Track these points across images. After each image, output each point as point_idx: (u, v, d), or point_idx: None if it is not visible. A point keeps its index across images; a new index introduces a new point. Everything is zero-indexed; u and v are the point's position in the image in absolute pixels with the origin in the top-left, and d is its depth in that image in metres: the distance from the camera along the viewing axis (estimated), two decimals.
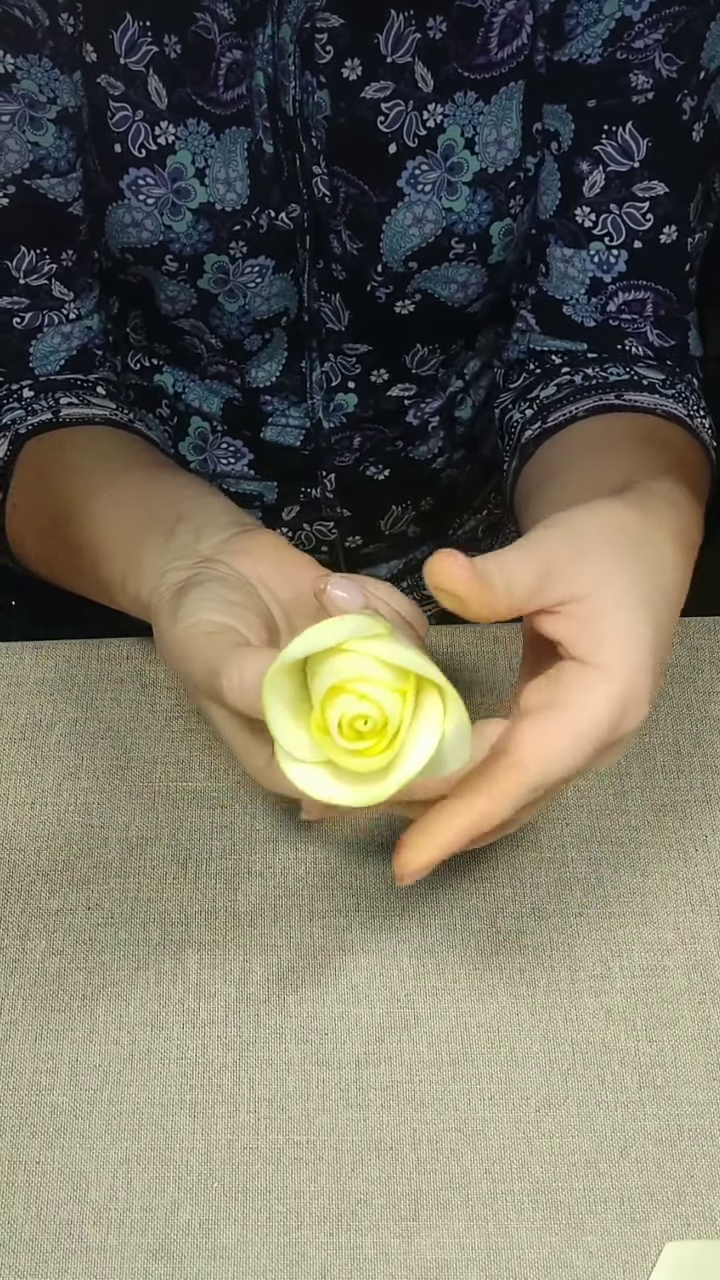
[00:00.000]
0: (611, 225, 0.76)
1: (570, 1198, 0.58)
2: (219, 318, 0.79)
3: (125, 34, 0.70)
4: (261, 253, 0.76)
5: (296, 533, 0.91)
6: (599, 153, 0.74)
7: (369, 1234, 0.57)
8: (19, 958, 0.65)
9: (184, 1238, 0.57)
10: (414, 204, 0.74)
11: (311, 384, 0.83)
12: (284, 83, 0.70)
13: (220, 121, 0.72)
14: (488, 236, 0.76)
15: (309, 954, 0.65)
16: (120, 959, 0.65)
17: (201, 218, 0.74)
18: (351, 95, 0.71)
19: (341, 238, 0.75)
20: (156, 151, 0.72)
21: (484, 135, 0.73)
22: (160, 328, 0.82)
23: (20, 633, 0.80)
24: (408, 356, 0.83)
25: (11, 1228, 0.57)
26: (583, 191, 0.75)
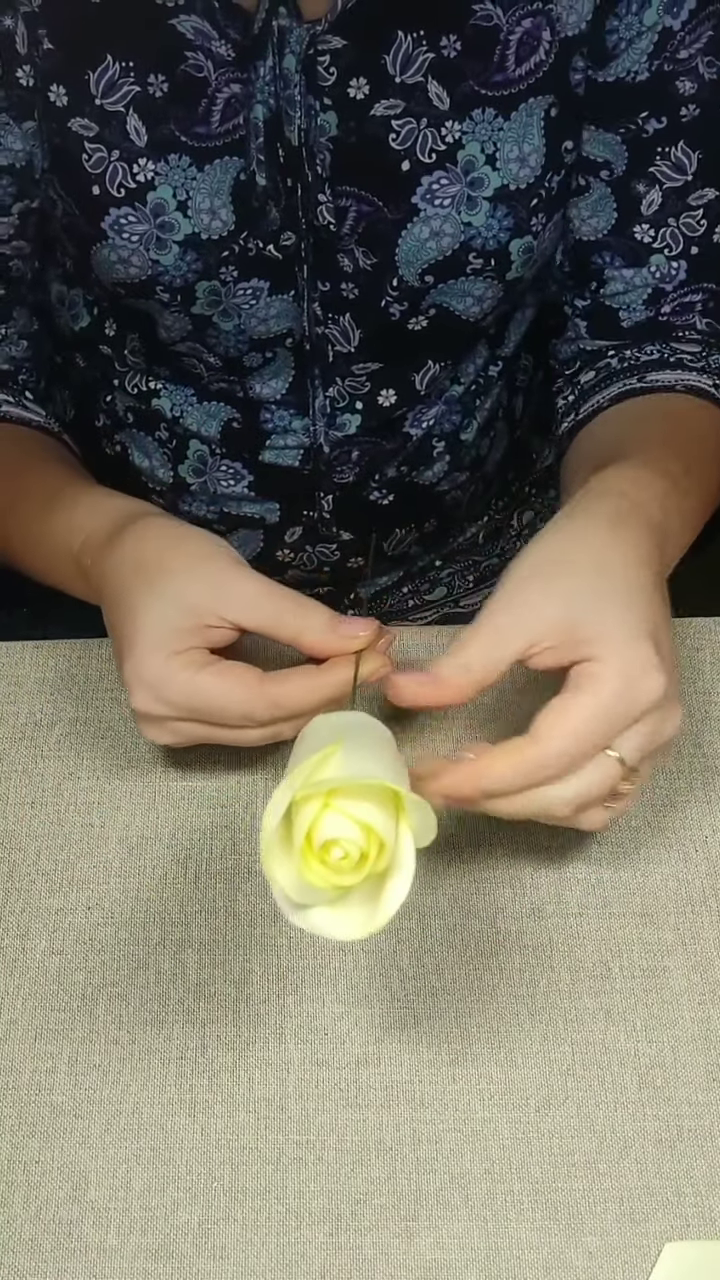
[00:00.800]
0: (670, 237, 0.78)
1: (570, 1198, 0.57)
2: (215, 337, 0.79)
3: (104, 75, 0.70)
4: (254, 275, 0.76)
5: (299, 554, 0.91)
6: (655, 174, 0.76)
7: (369, 1234, 0.57)
8: (19, 957, 0.65)
9: (184, 1237, 0.57)
10: (431, 218, 0.74)
11: (315, 409, 0.83)
12: (289, 112, 0.70)
13: (205, 154, 0.72)
14: (507, 253, 0.76)
15: (309, 954, 0.65)
16: (120, 959, 0.65)
17: (188, 249, 0.74)
18: (360, 114, 0.71)
19: (354, 255, 0.75)
20: (136, 189, 0.72)
21: (505, 151, 0.73)
22: (159, 351, 0.82)
23: (20, 633, 0.80)
24: (417, 376, 0.83)
25: (11, 1227, 0.57)
26: (640, 210, 0.77)
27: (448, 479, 0.90)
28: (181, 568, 0.64)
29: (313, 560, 0.91)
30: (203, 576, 0.63)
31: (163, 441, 0.87)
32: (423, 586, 1.00)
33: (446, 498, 0.92)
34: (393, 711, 0.71)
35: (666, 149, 0.75)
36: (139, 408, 0.86)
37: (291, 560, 0.91)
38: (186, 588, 0.63)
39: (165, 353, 0.81)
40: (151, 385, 0.85)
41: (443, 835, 0.69)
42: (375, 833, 0.52)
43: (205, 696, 0.62)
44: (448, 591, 1.01)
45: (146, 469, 0.88)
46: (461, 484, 0.92)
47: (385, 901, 0.53)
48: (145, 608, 0.63)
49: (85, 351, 0.87)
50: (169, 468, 0.88)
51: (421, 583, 1.00)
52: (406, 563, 0.96)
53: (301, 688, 0.62)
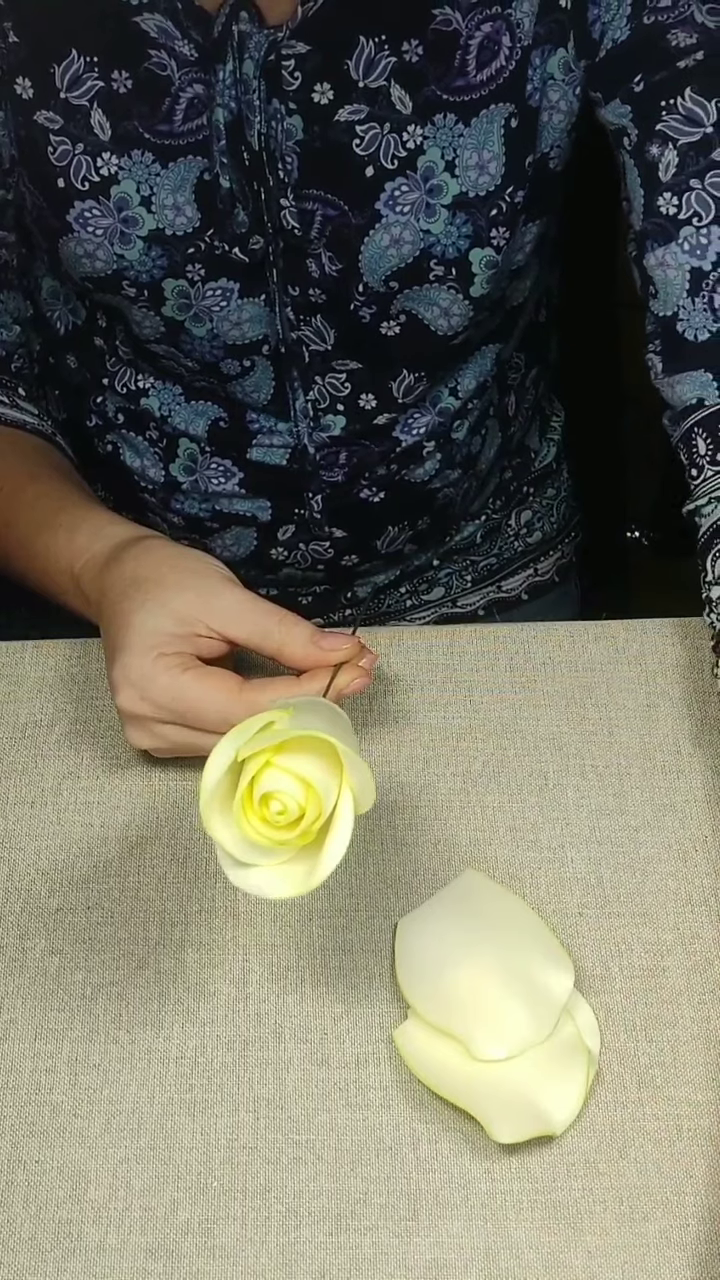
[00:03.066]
0: (697, 203, 0.71)
1: (570, 1198, 0.57)
2: (189, 343, 0.79)
3: (69, 69, 0.70)
4: (222, 275, 0.76)
5: (292, 552, 0.90)
6: (664, 131, 0.71)
7: (368, 1234, 0.57)
8: (19, 957, 0.65)
9: (183, 1237, 0.57)
10: (391, 225, 0.74)
11: (296, 411, 0.83)
12: (249, 116, 0.70)
13: (168, 152, 0.72)
14: (467, 263, 0.75)
15: (309, 954, 0.65)
16: (120, 958, 0.65)
17: (153, 244, 0.74)
18: (325, 119, 0.71)
19: (321, 260, 0.75)
20: (99, 183, 0.72)
21: (464, 159, 0.73)
22: (140, 348, 0.82)
23: (20, 633, 0.80)
24: (394, 383, 0.83)
25: (11, 1226, 0.57)
26: (660, 178, 0.72)
27: (439, 477, 0.90)
28: (174, 581, 0.67)
29: (306, 558, 0.91)
30: (192, 588, 0.67)
31: (153, 441, 0.87)
32: (420, 586, 1.00)
33: (439, 495, 0.91)
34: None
35: (671, 100, 0.70)
36: (129, 407, 0.86)
37: (285, 559, 0.91)
38: (177, 598, 0.66)
39: (146, 351, 0.82)
40: (140, 384, 0.85)
41: (442, 834, 0.69)
42: (314, 789, 0.54)
43: (187, 697, 0.64)
44: (445, 591, 1.01)
45: (138, 468, 0.88)
46: (453, 482, 0.91)
47: (323, 860, 0.54)
48: (137, 615, 0.66)
49: (78, 350, 0.87)
50: (160, 467, 0.88)
51: (419, 582, 0.99)
52: (402, 561, 0.96)
53: (280, 695, 0.64)
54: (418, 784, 0.71)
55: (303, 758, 0.55)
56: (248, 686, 0.64)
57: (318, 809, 0.54)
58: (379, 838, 0.69)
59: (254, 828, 0.54)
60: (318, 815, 0.54)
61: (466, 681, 0.76)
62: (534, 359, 0.95)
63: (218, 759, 0.54)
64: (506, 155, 0.73)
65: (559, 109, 0.74)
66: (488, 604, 1.02)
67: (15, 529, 0.77)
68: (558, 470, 1.04)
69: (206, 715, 0.64)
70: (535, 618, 1.02)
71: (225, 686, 0.64)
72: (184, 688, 0.64)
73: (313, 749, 0.55)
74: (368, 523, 0.90)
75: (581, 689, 0.75)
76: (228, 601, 0.66)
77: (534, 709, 0.74)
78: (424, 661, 0.76)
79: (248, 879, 0.56)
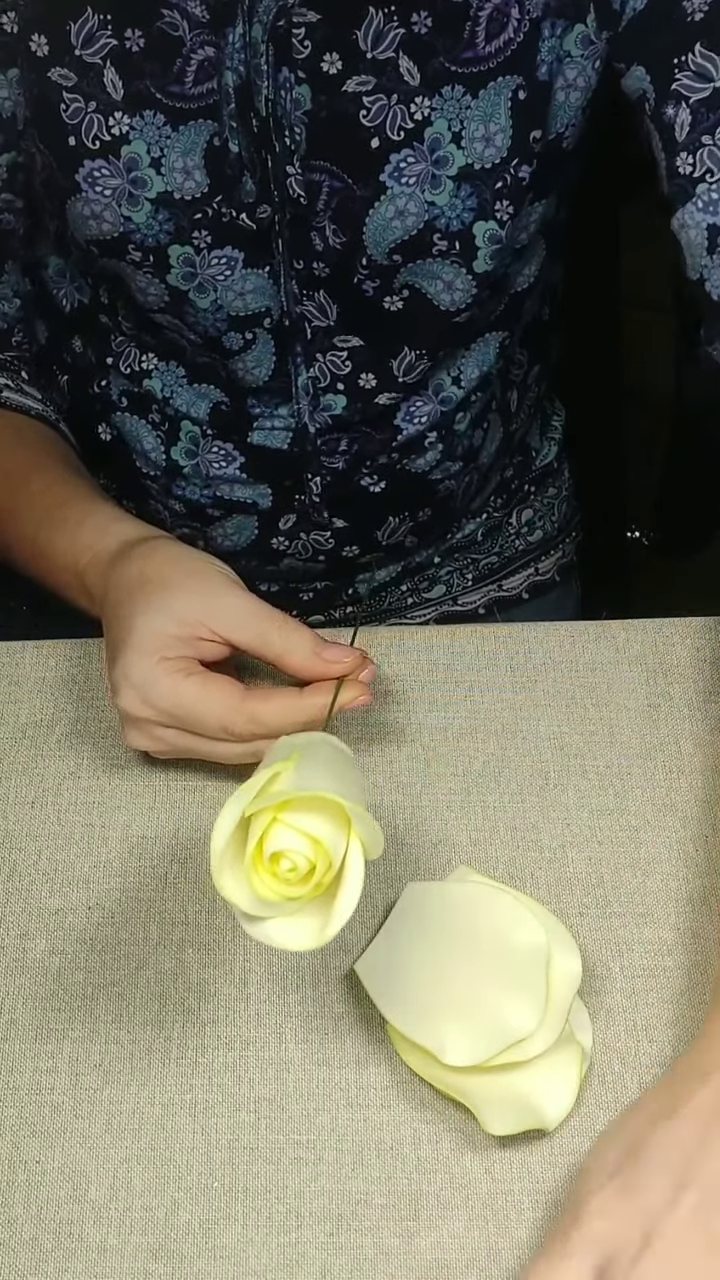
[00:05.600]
0: (709, 159, 0.70)
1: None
2: (193, 315, 0.79)
3: (84, 26, 0.70)
4: (228, 243, 0.75)
5: (293, 542, 0.90)
6: (678, 90, 0.71)
7: (369, 1234, 0.57)
8: (19, 957, 0.65)
9: (184, 1237, 0.57)
10: (396, 197, 0.74)
11: (297, 388, 0.83)
12: (257, 82, 0.70)
13: (180, 114, 0.72)
14: (471, 236, 0.75)
15: (309, 954, 0.65)
16: (120, 958, 0.65)
17: (160, 207, 0.74)
18: (332, 89, 0.71)
19: (325, 233, 0.75)
20: (110, 142, 0.72)
21: (471, 130, 0.73)
22: (143, 319, 0.82)
23: (20, 633, 0.80)
24: (395, 361, 0.83)
25: (12, 1227, 0.57)
26: (676, 138, 0.71)
27: (440, 468, 0.90)
28: (178, 583, 0.67)
29: (307, 548, 0.91)
30: (196, 590, 0.67)
31: (155, 424, 0.87)
32: (421, 584, 1.00)
33: (439, 487, 0.91)
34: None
35: (683, 57, 0.70)
36: (132, 390, 0.87)
37: (286, 548, 0.91)
38: (180, 599, 0.66)
39: (149, 322, 0.81)
40: (144, 365, 0.85)
41: (442, 834, 0.69)
42: (323, 846, 0.54)
43: (187, 703, 0.65)
44: (446, 589, 1.01)
45: (140, 452, 0.88)
46: (454, 474, 0.91)
47: (336, 913, 0.54)
48: (140, 615, 0.66)
49: (83, 330, 0.87)
50: (162, 450, 0.88)
51: (420, 580, 1.00)
52: (403, 556, 0.96)
53: (281, 707, 0.65)
54: (418, 784, 0.71)
55: (309, 814, 0.55)
56: (249, 696, 0.65)
57: (327, 863, 0.54)
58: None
59: (265, 884, 0.54)
60: (328, 869, 0.54)
61: (467, 681, 0.76)
62: (537, 356, 0.95)
63: (225, 820, 0.54)
64: (513, 128, 0.73)
65: (576, 86, 0.74)
66: (488, 603, 1.02)
67: (19, 522, 0.77)
68: (559, 469, 1.04)
69: (206, 722, 0.65)
70: (536, 617, 1.02)
71: (227, 694, 0.65)
72: (185, 693, 0.65)
73: (319, 802, 0.55)
74: (368, 512, 0.90)
75: (582, 689, 0.75)
76: (230, 604, 0.67)
77: (534, 709, 0.74)
78: (424, 661, 0.76)
79: (263, 931, 0.56)
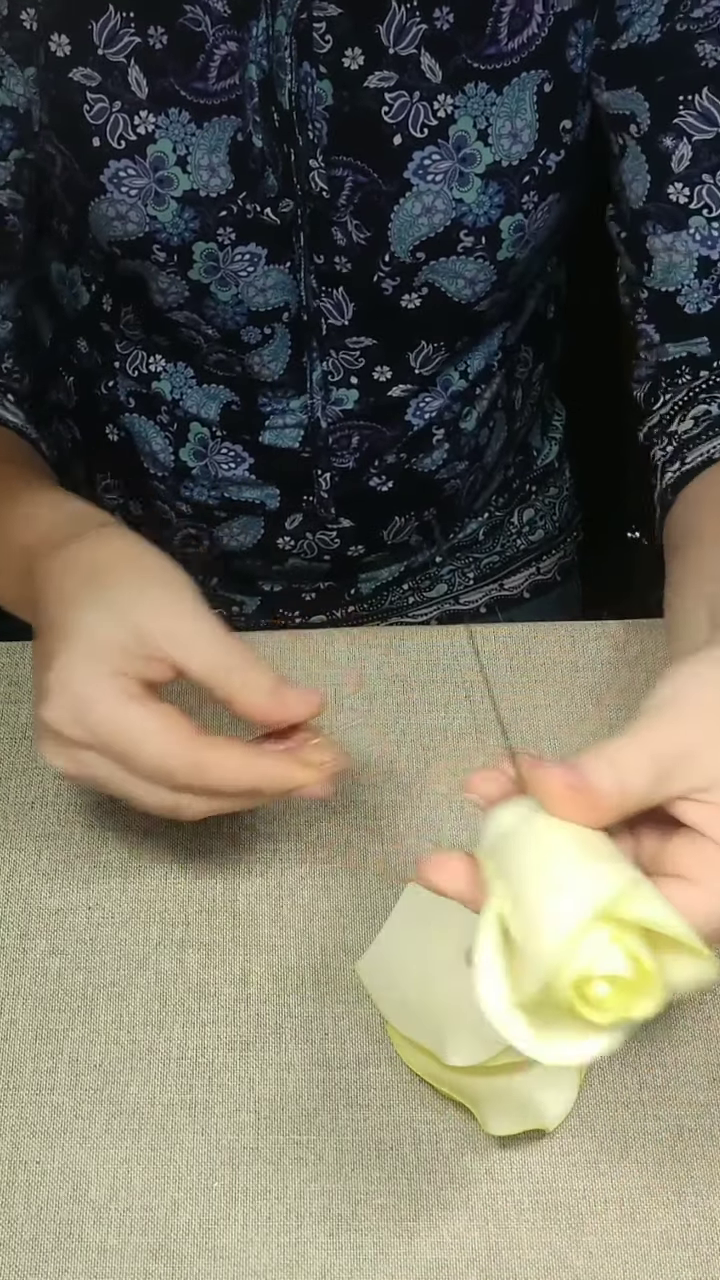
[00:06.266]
0: (708, 196, 0.73)
1: (570, 1198, 0.57)
2: (213, 308, 0.78)
3: (106, 25, 0.70)
4: (252, 240, 0.75)
5: (299, 542, 0.91)
6: (680, 125, 0.72)
7: (369, 1234, 0.57)
8: (19, 958, 0.65)
9: (184, 1237, 0.57)
10: (423, 194, 0.74)
11: (312, 382, 0.83)
12: (280, 75, 0.70)
13: (204, 111, 0.72)
14: (497, 230, 0.76)
15: (309, 954, 0.65)
16: (120, 959, 0.65)
17: (187, 205, 0.73)
18: (354, 85, 0.71)
19: (347, 228, 0.75)
20: (136, 141, 0.72)
21: (497, 127, 0.73)
22: (157, 320, 0.82)
23: (20, 633, 0.80)
24: (411, 354, 0.83)
25: (12, 1227, 0.57)
26: (671, 168, 0.73)
27: (446, 467, 0.90)
28: (135, 584, 0.60)
29: (313, 548, 0.91)
30: (155, 600, 0.60)
31: (164, 425, 0.87)
32: (423, 583, 1.00)
33: (446, 486, 0.92)
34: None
35: (689, 97, 0.72)
36: (140, 391, 0.86)
37: (292, 548, 0.91)
38: (140, 609, 0.59)
39: (163, 321, 0.81)
40: (152, 367, 0.85)
41: (442, 834, 0.69)
42: (649, 974, 0.43)
43: (127, 731, 0.57)
44: (448, 588, 1.01)
45: (149, 453, 0.88)
46: (460, 473, 0.92)
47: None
48: (89, 613, 0.59)
49: (88, 334, 0.87)
50: (170, 451, 0.88)
51: (422, 579, 1.00)
52: (407, 556, 0.96)
53: (237, 762, 0.57)
54: (418, 784, 0.71)
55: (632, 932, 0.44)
56: (202, 740, 0.57)
57: (646, 991, 0.44)
58: (379, 838, 0.69)
59: (568, 1006, 0.44)
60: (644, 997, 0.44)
61: (466, 681, 0.76)
62: (541, 354, 0.95)
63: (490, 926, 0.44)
64: (540, 121, 0.74)
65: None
66: (489, 602, 1.02)
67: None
68: (559, 469, 1.04)
69: (143, 759, 0.57)
70: (537, 616, 1.03)
71: (175, 733, 0.57)
72: (129, 720, 0.56)
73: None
74: (375, 512, 0.90)
75: (582, 688, 0.75)
76: (195, 629, 0.59)
77: (534, 708, 0.74)
78: (424, 661, 0.76)
79: (566, 1053, 0.45)
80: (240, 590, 0.96)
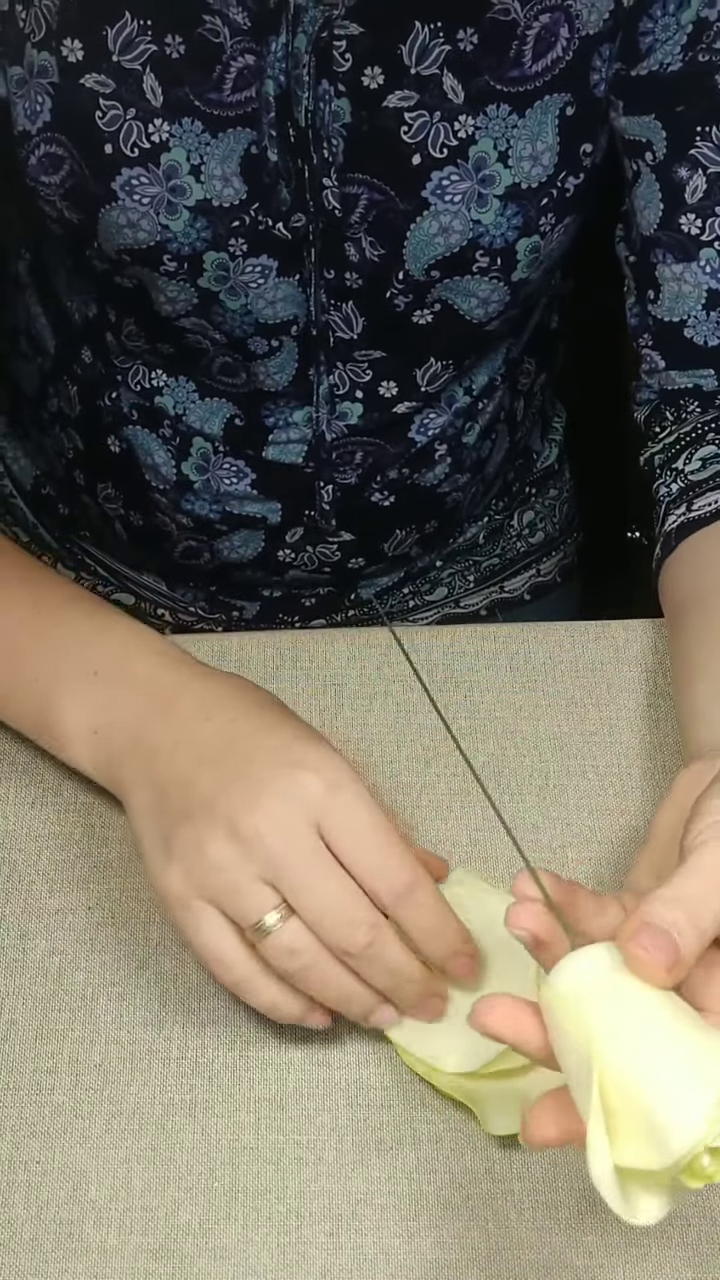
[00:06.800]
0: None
1: (571, 1198, 0.57)
2: (221, 315, 0.78)
3: (122, 31, 0.70)
4: (263, 252, 0.75)
5: (300, 554, 0.90)
6: (696, 157, 0.73)
7: (370, 1234, 0.57)
8: (19, 958, 0.65)
9: (185, 1238, 0.57)
10: (440, 214, 0.73)
11: (319, 396, 0.82)
12: (297, 92, 0.70)
13: (218, 122, 0.71)
14: (513, 251, 0.75)
15: None
16: (120, 959, 0.65)
17: (199, 215, 0.73)
18: (373, 104, 0.71)
19: (361, 245, 0.75)
20: (150, 150, 0.72)
21: (518, 149, 0.73)
22: (162, 328, 0.81)
23: None
24: (419, 371, 0.83)
25: (12, 1228, 0.57)
26: (685, 198, 0.74)
27: (448, 481, 0.90)
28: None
29: (313, 560, 0.91)
30: None
31: (166, 439, 0.87)
32: (423, 587, 1.00)
33: (447, 499, 0.92)
34: None
35: (707, 129, 0.72)
36: (143, 404, 0.86)
37: (293, 560, 0.91)
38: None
39: (169, 329, 0.80)
40: (155, 381, 0.85)
41: (442, 834, 0.69)
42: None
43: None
44: (448, 592, 1.01)
45: (150, 466, 0.88)
46: (462, 486, 0.92)
47: None
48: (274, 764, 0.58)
49: (92, 344, 0.87)
50: (172, 465, 0.87)
51: (422, 583, 1.00)
52: (407, 563, 0.96)
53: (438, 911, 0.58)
54: (418, 784, 0.71)
55: None
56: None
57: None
58: None
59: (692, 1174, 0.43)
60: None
61: (466, 681, 0.76)
62: (544, 364, 0.95)
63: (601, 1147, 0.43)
64: (561, 144, 0.73)
65: None
66: (490, 604, 1.02)
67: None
68: (560, 471, 1.04)
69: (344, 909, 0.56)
70: (537, 618, 1.03)
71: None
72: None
73: None
74: (376, 526, 0.90)
75: (582, 689, 0.75)
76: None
77: (534, 709, 0.74)
78: (424, 661, 0.76)
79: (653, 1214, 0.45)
80: (240, 596, 0.96)
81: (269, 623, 0.97)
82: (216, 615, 0.98)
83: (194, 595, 0.97)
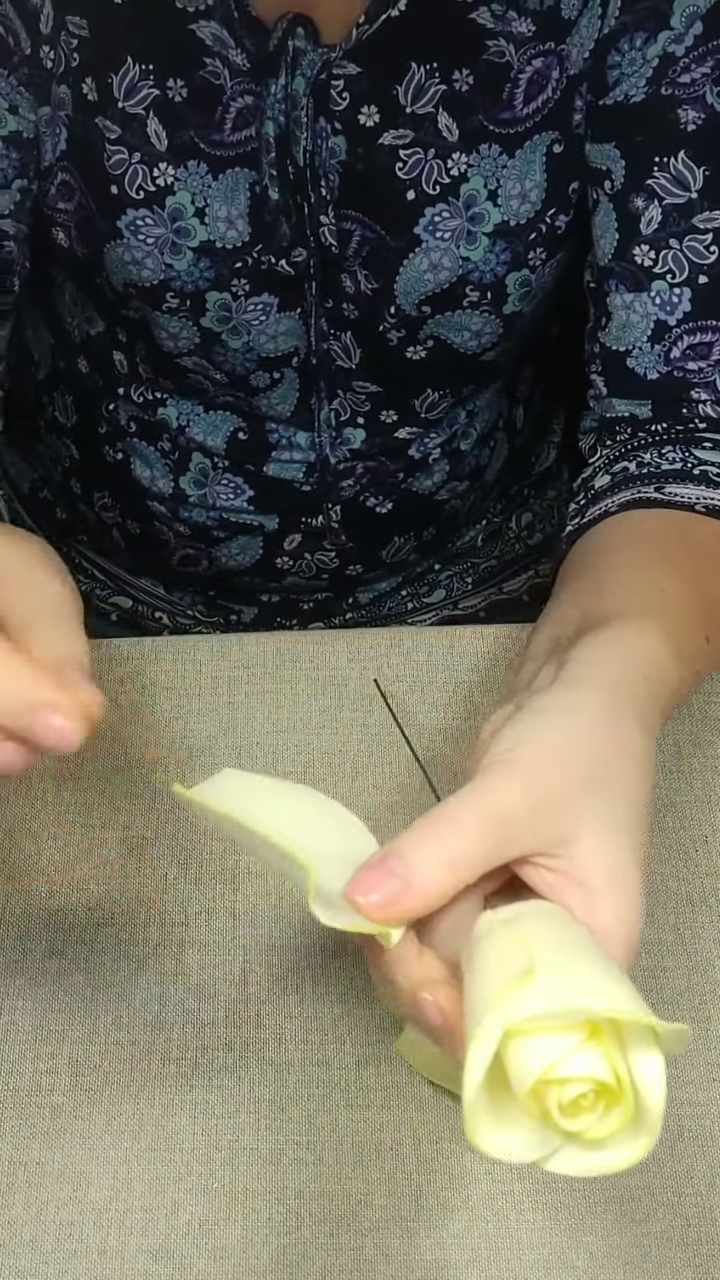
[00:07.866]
0: (673, 261, 0.73)
1: (570, 1198, 0.57)
2: (223, 355, 0.78)
3: (125, 77, 0.70)
4: (265, 290, 0.75)
5: (298, 561, 0.90)
6: (653, 187, 0.73)
7: (370, 1234, 0.57)
8: (19, 958, 0.65)
9: (184, 1238, 0.57)
10: (431, 250, 0.74)
11: (320, 422, 0.83)
12: (295, 133, 0.70)
13: (221, 163, 0.71)
14: (503, 286, 0.76)
15: (309, 954, 0.65)
16: (120, 959, 0.65)
17: (203, 255, 0.73)
18: (368, 142, 0.71)
19: (356, 277, 0.75)
20: (155, 193, 0.72)
21: (507, 188, 0.73)
22: (164, 363, 0.81)
23: None
24: (417, 401, 0.83)
25: (12, 1228, 0.57)
26: (640, 229, 0.73)
27: (446, 488, 0.90)
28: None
29: (311, 567, 0.91)
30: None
31: (165, 452, 0.87)
32: (421, 590, 1.00)
33: (446, 506, 0.92)
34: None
35: (665, 159, 0.72)
36: (143, 417, 0.86)
37: (291, 567, 0.91)
38: None
39: (171, 365, 0.81)
40: (157, 395, 0.85)
41: None
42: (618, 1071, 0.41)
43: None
44: (446, 594, 1.01)
45: (147, 478, 0.88)
46: (461, 493, 0.92)
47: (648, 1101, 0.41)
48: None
49: (91, 358, 0.87)
50: (170, 479, 0.87)
51: (420, 586, 1.00)
52: (405, 568, 0.96)
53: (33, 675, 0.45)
54: (417, 785, 0.71)
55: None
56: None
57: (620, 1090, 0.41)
58: (379, 838, 0.69)
59: (556, 1122, 0.41)
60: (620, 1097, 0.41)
61: (466, 682, 0.76)
62: (543, 371, 0.95)
63: (483, 1051, 0.40)
64: (548, 182, 0.74)
65: None
66: (489, 606, 1.02)
67: None
68: (558, 472, 1.04)
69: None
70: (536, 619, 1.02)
71: None
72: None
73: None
74: (375, 533, 0.90)
75: None
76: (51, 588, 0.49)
77: None
78: (424, 662, 0.77)
79: (571, 1164, 0.42)
80: (238, 601, 0.96)
81: (267, 627, 0.97)
82: (215, 619, 0.98)
83: (192, 600, 0.97)
